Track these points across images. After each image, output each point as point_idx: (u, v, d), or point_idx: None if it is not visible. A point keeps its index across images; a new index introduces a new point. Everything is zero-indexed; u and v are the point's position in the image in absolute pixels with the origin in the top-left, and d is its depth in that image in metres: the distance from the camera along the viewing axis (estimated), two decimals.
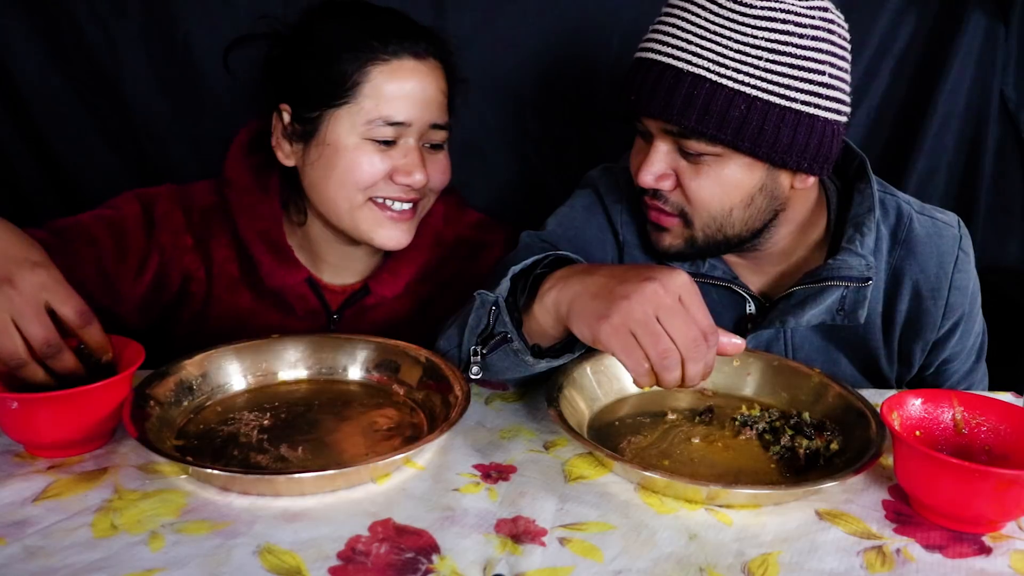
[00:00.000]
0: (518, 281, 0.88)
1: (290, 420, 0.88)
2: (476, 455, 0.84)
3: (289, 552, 0.67)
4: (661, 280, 0.75)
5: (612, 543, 0.70)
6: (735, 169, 0.95)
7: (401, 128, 1.03)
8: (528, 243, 1.10)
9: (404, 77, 1.03)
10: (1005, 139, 1.59)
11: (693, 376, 0.76)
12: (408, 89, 1.03)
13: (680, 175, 0.97)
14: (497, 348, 0.87)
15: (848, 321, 1.03)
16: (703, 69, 0.90)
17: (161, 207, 1.12)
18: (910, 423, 0.81)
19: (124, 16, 1.43)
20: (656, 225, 1.02)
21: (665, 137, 0.95)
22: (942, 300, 1.06)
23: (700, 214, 0.98)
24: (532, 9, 1.47)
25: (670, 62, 0.92)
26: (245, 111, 1.47)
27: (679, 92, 0.91)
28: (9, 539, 0.67)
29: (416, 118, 1.03)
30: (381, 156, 1.04)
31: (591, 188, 1.15)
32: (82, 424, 0.78)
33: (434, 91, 1.05)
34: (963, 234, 1.08)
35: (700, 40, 0.91)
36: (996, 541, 0.73)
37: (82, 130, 1.49)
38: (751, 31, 0.89)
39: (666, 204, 0.99)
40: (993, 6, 1.49)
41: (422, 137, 1.06)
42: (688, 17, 0.92)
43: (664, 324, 0.74)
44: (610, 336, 0.75)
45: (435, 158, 1.09)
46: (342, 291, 1.18)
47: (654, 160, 0.96)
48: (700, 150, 0.93)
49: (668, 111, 0.91)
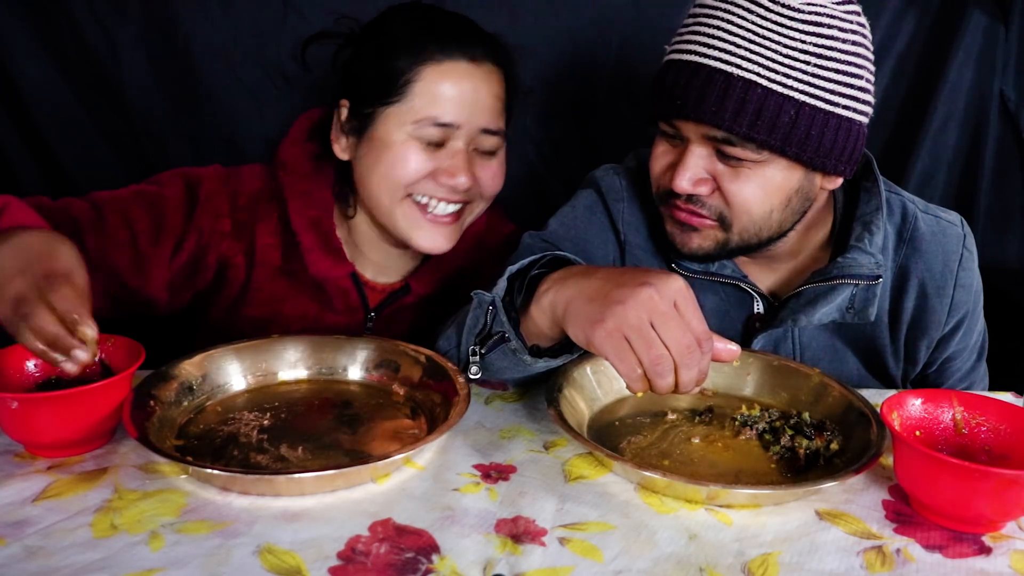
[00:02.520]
0: (515, 281, 0.88)
1: (290, 420, 0.88)
2: (476, 455, 0.84)
3: (289, 552, 0.67)
4: (656, 285, 0.74)
5: (612, 543, 0.70)
6: (775, 172, 0.95)
7: (449, 130, 1.03)
8: (529, 244, 1.10)
9: (456, 79, 1.03)
10: (1005, 139, 1.59)
11: (686, 383, 0.75)
12: (459, 91, 1.03)
13: (718, 179, 0.95)
14: (495, 348, 0.87)
15: (858, 319, 1.04)
16: (753, 74, 0.89)
17: (206, 188, 1.11)
18: (910, 423, 0.81)
19: (124, 16, 1.43)
20: (685, 225, 1.00)
21: (705, 142, 0.94)
22: (947, 298, 1.07)
23: (741, 217, 0.97)
24: (532, 9, 1.47)
25: (719, 66, 0.90)
26: (245, 111, 1.48)
27: (731, 97, 0.89)
28: (9, 539, 0.67)
29: (465, 121, 1.03)
30: (427, 155, 1.04)
31: (593, 188, 1.15)
32: (82, 424, 0.78)
33: (487, 95, 1.05)
34: (967, 233, 1.09)
35: (749, 44, 0.89)
36: (996, 541, 0.73)
37: (82, 130, 1.49)
38: (799, 35, 0.89)
39: (702, 208, 0.97)
40: (993, 6, 1.50)
41: (472, 141, 1.06)
42: (734, 20, 0.90)
43: (658, 330, 0.73)
44: (604, 341, 0.75)
45: (486, 163, 1.09)
46: (382, 289, 1.18)
47: (691, 165, 0.95)
48: (744, 156, 0.93)
49: (719, 116, 0.90)
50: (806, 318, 1.03)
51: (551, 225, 1.12)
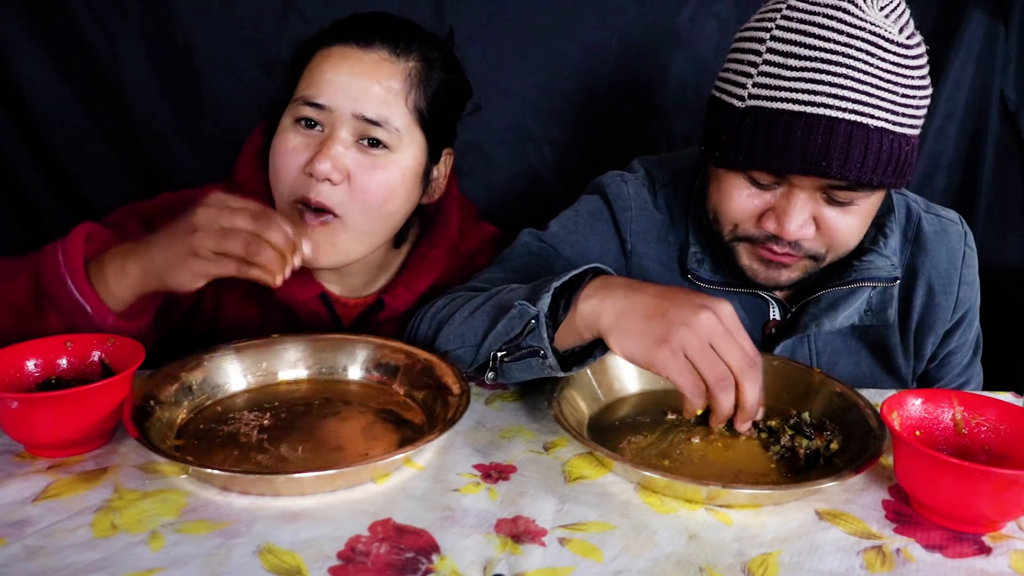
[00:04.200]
0: (541, 291, 0.86)
1: (290, 420, 0.88)
2: (476, 455, 0.84)
3: (289, 552, 0.67)
4: (713, 309, 0.78)
5: (612, 543, 0.70)
6: (875, 201, 0.96)
7: (321, 112, 0.98)
8: (527, 242, 1.10)
9: (337, 61, 0.99)
10: (1005, 139, 1.59)
11: (750, 396, 0.78)
12: (336, 73, 0.98)
13: (821, 220, 0.94)
14: (522, 359, 0.87)
15: (877, 321, 1.05)
16: (884, 121, 0.87)
17: (163, 220, 1.08)
18: (910, 423, 0.81)
19: (124, 16, 1.43)
20: (774, 263, 0.98)
21: (816, 188, 0.91)
22: (953, 295, 1.09)
23: (839, 249, 0.97)
24: (532, 9, 1.47)
25: (855, 119, 0.86)
26: (245, 111, 1.48)
27: (871, 151, 0.87)
28: (9, 539, 0.67)
29: (339, 105, 0.98)
30: (303, 141, 0.99)
31: (599, 195, 1.13)
32: (82, 424, 0.78)
33: (372, 82, 0.99)
34: (966, 231, 1.12)
35: (877, 91, 0.86)
36: (996, 541, 0.73)
37: (82, 130, 1.49)
38: (909, 71, 0.87)
39: (798, 249, 0.96)
40: (993, 6, 1.50)
41: (355, 132, 0.99)
42: (858, 66, 0.86)
43: (718, 350, 0.77)
44: (668, 360, 0.77)
45: (368, 160, 1.00)
46: (355, 304, 1.14)
47: (799, 213, 0.92)
48: (858, 198, 0.92)
49: (862, 172, 0.87)
50: (829, 323, 1.03)
51: (552, 227, 1.12)
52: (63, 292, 0.87)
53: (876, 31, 0.86)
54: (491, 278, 1.05)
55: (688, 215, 1.09)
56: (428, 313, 1.02)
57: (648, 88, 1.52)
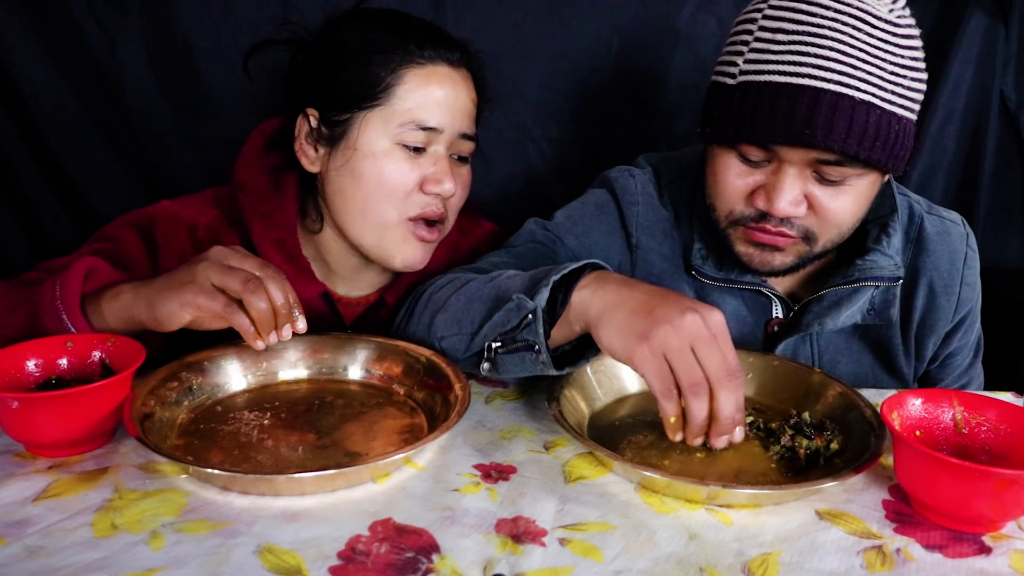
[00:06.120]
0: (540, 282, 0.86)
1: (290, 420, 0.88)
2: (476, 455, 0.84)
3: (289, 552, 0.67)
4: (702, 313, 0.75)
5: (612, 543, 0.70)
6: (868, 183, 0.95)
7: (432, 134, 1.02)
8: (532, 230, 1.10)
9: (438, 82, 1.02)
10: (1005, 139, 1.59)
11: (725, 408, 0.75)
12: (442, 95, 1.01)
13: (813, 198, 0.94)
14: (516, 352, 0.86)
15: (879, 320, 1.06)
16: (869, 95, 0.87)
17: (161, 230, 1.08)
18: (910, 423, 0.81)
19: (124, 16, 1.43)
20: (767, 246, 0.98)
21: (807, 164, 0.91)
22: (954, 296, 1.09)
23: (831, 231, 0.97)
24: (532, 9, 1.47)
25: (841, 90, 0.87)
26: (245, 111, 1.48)
27: (857, 121, 0.87)
28: (9, 539, 0.67)
29: (448, 125, 1.02)
30: (411, 164, 1.02)
31: (607, 188, 1.13)
32: (82, 424, 0.78)
33: (465, 100, 1.04)
34: (968, 232, 1.12)
35: (864, 64, 0.87)
36: (996, 541, 0.73)
37: (82, 130, 1.49)
38: (899, 50, 0.88)
39: (791, 228, 0.96)
40: (993, 6, 1.50)
41: (451, 147, 1.05)
42: (845, 39, 0.87)
43: (698, 354, 0.74)
44: (646, 357, 0.75)
45: (460, 171, 1.07)
46: (357, 303, 1.15)
47: (790, 187, 0.92)
48: (848, 174, 0.92)
49: (847, 143, 0.87)
50: (832, 321, 1.03)
51: (557, 216, 1.12)
52: (58, 327, 0.87)
53: (863, 7, 0.87)
54: (494, 262, 1.06)
55: (693, 212, 1.10)
56: (424, 294, 1.02)
57: (648, 88, 1.52)
